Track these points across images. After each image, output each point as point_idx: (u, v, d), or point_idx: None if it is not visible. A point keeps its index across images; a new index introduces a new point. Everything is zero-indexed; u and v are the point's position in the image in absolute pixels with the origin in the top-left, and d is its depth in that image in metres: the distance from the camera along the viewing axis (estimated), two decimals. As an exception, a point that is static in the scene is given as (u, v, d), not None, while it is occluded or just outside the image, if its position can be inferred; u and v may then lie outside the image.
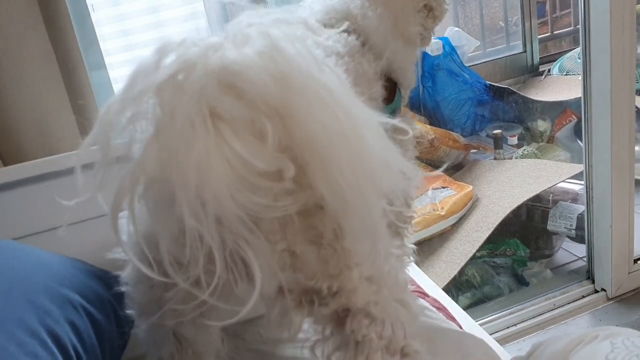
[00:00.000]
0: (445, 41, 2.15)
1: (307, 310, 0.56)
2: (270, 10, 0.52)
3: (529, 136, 2.19)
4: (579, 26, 1.40)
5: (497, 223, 1.55)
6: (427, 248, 1.59)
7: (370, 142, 0.49)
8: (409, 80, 1.10)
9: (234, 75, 0.45)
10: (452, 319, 0.97)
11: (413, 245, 1.18)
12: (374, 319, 0.58)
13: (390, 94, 1.05)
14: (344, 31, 1.00)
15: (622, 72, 1.33)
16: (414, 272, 1.20)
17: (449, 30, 2.28)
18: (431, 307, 0.99)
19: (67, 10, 1.12)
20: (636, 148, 1.96)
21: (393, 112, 1.06)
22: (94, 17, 1.76)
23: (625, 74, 1.34)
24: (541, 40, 2.54)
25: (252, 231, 0.47)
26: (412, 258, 1.17)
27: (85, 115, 1.12)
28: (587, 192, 1.44)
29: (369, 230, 0.50)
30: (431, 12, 1.13)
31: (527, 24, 2.46)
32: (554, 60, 2.45)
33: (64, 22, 1.12)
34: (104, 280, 0.73)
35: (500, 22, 2.60)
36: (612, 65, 1.31)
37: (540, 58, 2.49)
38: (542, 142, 2.16)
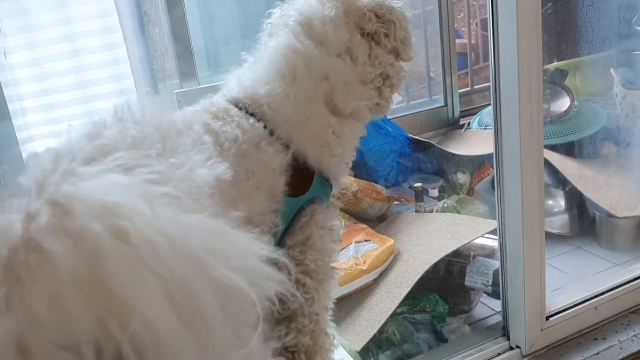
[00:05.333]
0: (369, 95, 2.20)
1: None
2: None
3: (449, 188, 2.25)
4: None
5: (416, 279, 1.57)
6: (347, 304, 1.59)
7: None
8: (329, 169, 1.08)
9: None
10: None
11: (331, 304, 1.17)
12: None
13: (304, 184, 1.02)
14: (252, 115, 0.99)
15: (530, 135, 1.39)
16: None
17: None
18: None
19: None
20: (550, 202, 2.06)
21: (312, 202, 1.03)
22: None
23: (534, 137, 1.40)
24: (462, 95, 2.65)
25: None
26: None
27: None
28: (500, 249, 1.48)
29: None
30: (388, 81, 1.12)
31: (447, 79, 2.56)
32: (474, 114, 2.55)
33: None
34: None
35: (424, 73, 2.70)
36: (520, 129, 1.36)
37: (460, 111, 2.59)
38: (462, 194, 2.22)
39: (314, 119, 1.03)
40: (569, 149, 2.14)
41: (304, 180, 1.03)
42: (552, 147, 2.09)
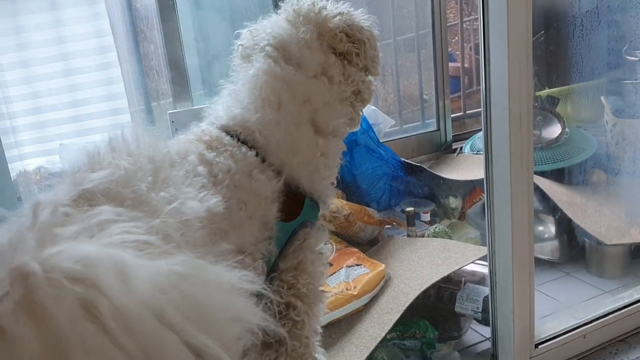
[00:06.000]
0: (363, 119, 2.21)
1: None
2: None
3: (441, 212, 2.25)
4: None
5: (407, 305, 1.56)
6: (337, 330, 1.58)
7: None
8: (320, 192, 1.09)
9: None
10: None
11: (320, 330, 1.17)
12: None
13: (295, 208, 1.03)
14: (244, 143, 0.99)
15: (520, 163, 1.40)
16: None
17: (366, 108, 2.35)
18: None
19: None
20: (540, 228, 2.07)
21: (304, 225, 1.04)
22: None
23: (524, 165, 1.41)
24: (454, 119, 2.66)
25: None
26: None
27: None
28: (490, 276, 1.49)
29: None
30: (359, 96, 1.15)
31: (440, 103, 2.57)
32: (466, 139, 2.56)
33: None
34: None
35: (417, 96, 2.71)
36: (511, 157, 1.37)
37: (453, 136, 2.60)
38: (453, 218, 2.22)
39: (303, 143, 1.05)
40: (559, 176, 2.16)
41: (295, 205, 1.04)
42: (543, 173, 2.11)
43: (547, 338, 1.52)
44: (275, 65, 1.04)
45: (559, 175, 2.15)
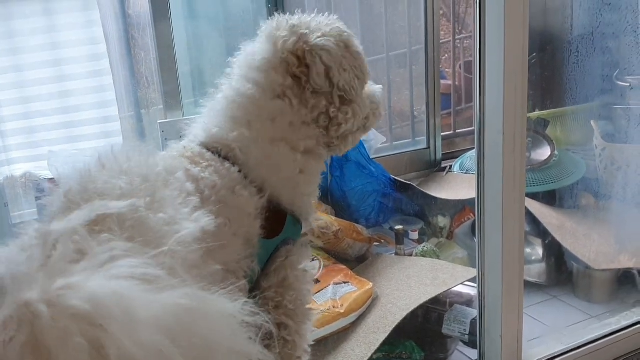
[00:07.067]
0: (354, 134, 2.21)
1: None
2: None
3: (429, 231, 2.25)
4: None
5: (394, 325, 1.55)
6: (323, 348, 1.56)
7: None
8: (301, 209, 1.08)
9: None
10: None
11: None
12: None
13: (277, 226, 1.02)
14: (226, 159, 0.98)
15: (513, 186, 1.40)
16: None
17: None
18: None
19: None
20: (528, 250, 2.07)
21: (285, 243, 1.03)
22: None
23: (517, 188, 1.41)
24: (444, 137, 2.67)
25: None
26: None
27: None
28: (479, 299, 1.48)
29: None
30: (335, 120, 1.09)
31: (431, 121, 2.58)
32: (456, 157, 2.57)
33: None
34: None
35: (408, 112, 2.72)
36: (504, 180, 1.37)
37: (443, 154, 2.61)
38: (442, 237, 2.22)
39: (281, 160, 1.03)
40: (548, 198, 2.16)
41: (277, 222, 1.03)
42: (532, 196, 2.11)
43: (534, 362, 1.52)
44: (242, 84, 1.04)
45: (548, 198, 2.16)
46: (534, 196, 2.12)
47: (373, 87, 1.19)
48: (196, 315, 0.51)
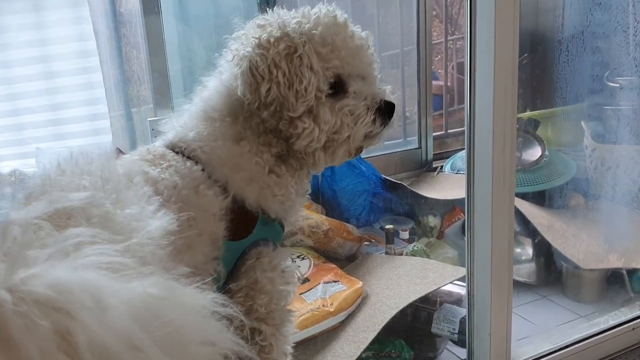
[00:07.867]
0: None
1: None
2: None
3: (420, 231, 2.25)
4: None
5: (383, 324, 1.55)
6: (312, 347, 1.56)
7: None
8: (276, 211, 1.03)
9: None
10: None
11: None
12: None
13: (246, 227, 0.99)
14: (190, 158, 0.97)
15: (502, 186, 1.40)
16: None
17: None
18: None
19: None
20: (518, 250, 2.07)
21: (255, 244, 1.00)
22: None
23: (506, 188, 1.41)
24: (436, 138, 2.67)
25: None
26: None
27: None
28: (468, 298, 1.48)
29: None
30: (286, 133, 1.01)
31: (423, 121, 2.58)
32: (447, 157, 2.57)
33: None
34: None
35: (400, 112, 2.72)
36: (493, 180, 1.37)
37: (434, 154, 2.61)
38: (432, 237, 2.22)
39: (244, 159, 0.99)
40: (538, 198, 2.17)
41: (246, 224, 0.99)
42: (522, 196, 2.12)
43: (523, 362, 1.52)
44: (210, 82, 1.05)
45: (538, 198, 2.16)
46: (524, 196, 2.13)
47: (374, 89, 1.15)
48: (167, 303, 0.50)
